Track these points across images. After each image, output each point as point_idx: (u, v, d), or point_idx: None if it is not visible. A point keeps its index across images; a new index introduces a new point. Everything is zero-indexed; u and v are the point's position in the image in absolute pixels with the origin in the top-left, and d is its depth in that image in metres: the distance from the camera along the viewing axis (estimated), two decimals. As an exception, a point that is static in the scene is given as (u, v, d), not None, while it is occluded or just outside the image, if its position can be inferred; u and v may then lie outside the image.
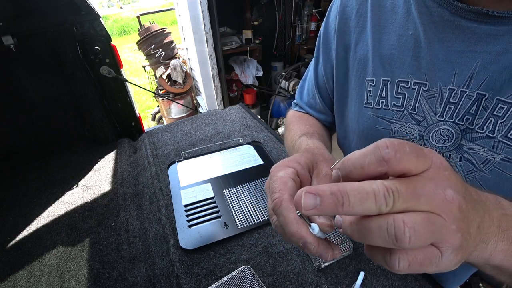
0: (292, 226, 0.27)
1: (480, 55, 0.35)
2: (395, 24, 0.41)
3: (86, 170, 1.07)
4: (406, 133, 0.43)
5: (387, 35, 0.43)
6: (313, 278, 0.59)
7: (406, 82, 0.41)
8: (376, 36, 0.44)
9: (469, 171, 0.39)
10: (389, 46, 0.42)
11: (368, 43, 0.45)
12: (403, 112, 0.43)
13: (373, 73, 0.45)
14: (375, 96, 0.45)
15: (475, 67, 0.35)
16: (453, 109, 0.38)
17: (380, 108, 0.45)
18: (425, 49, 0.39)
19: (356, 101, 0.48)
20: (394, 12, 0.42)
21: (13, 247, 0.78)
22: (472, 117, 0.37)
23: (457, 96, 0.37)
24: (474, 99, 0.36)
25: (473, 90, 0.36)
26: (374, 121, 0.46)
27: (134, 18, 4.42)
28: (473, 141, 0.38)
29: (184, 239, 0.70)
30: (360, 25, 0.46)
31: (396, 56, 0.42)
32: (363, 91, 0.47)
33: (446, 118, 0.39)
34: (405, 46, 0.41)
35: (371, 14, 0.44)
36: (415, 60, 0.40)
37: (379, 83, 0.44)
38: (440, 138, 0.40)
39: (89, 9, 1.04)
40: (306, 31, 2.71)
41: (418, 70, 0.40)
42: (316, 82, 0.59)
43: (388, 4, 0.43)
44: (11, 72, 1.05)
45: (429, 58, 0.39)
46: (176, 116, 2.83)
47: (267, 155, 1.00)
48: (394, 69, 0.42)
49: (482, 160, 0.38)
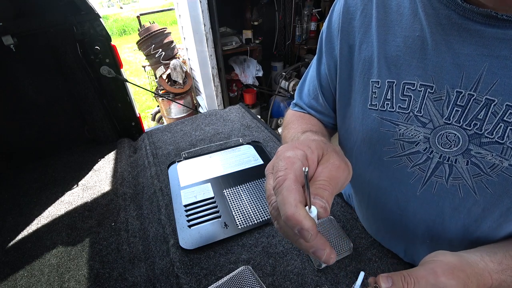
0: (290, 207, 0.26)
1: (488, 58, 0.34)
2: (401, 26, 0.41)
3: (86, 170, 1.07)
4: (412, 135, 0.43)
5: (392, 36, 0.42)
6: (313, 278, 0.59)
7: (412, 84, 0.41)
8: (381, 37, 0.43)
9: (476, 175, 0.39)
10: (395, 48, 0.42)
11: (373, 44, 0.44)
12: (408, 114, 0.42)
13: (378, 74, 0.44)
14: (380, 98, 0.45)
15: (483, 70, 0.35)
16: (460, 112, 0.38)
17: (385, 110, 0.44)
18: (432, 51, 0.38)
19: (360, 102, 0.48)
20: (399, 13, 0.41)
21: (13, 247, 0.78)
22: (481, 122, 0.36)
23: (464, 99, 0.37)
24: (482, 104, 0.36)
25: (481, 95, 0.36)
26: (379, 123, 0.45)
27: (134, 18, 4.42)
28: (481, 146, 0.37)
29: (184, 239, 0.70)
30: (365, 25, 0.46)
31: (402, 57, 0.41)
32: (367, 92, 0.46)
33: (453, 121, 0.39)
34: (411, 48, 0.40)
35: (376, 15, 0.44)
36: (421, 62, 0.39)
37: (384, 85, 0.44)
38: (446, 142, 0.40)
39: (89, 9, 1.04)
40: (306, 31, 2.71)
41: (425, 72, 0.39)
42: (319, 83, 0.58)
43: (393, 5, 0.42)
44: (11, 72, 1.05)
45: (436, 60, 0.38)
46: (176, 116, 2.83)
47: (267, 155, 1.00)
48: (399, 71, 0.42)
49: (490, 165, 0.37)
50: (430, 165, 0.43)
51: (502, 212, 0.40)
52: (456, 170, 0.40)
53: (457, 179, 0.41)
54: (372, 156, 0.49)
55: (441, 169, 0.42)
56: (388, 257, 0.62)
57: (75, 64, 1.09)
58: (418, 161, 0.44)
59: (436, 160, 0.42)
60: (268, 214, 0.75)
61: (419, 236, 0.50)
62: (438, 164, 0.42)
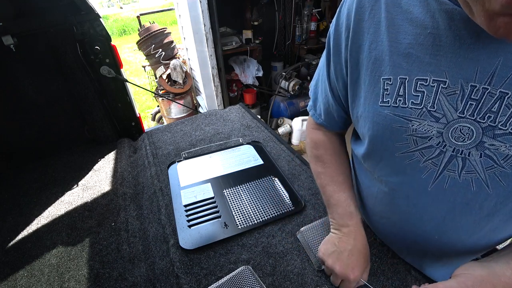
0: None
1: (502, 52, 0.35)
2: (412, 23, 0.42)
3: (86, 170, 1.07)
4: (425, 131, 0.43)
5: (403, 34, 0.43)
6: (313, 278, 0.59)
7: (425, 79, 0.41)
8: (392, 36, 0.44)
9: (489, 167, 0.40)
10: (406, 45, 0.42)
11: (384, 43, 0.45)
12: (421, 109, 0.43)
13: (390, 71, 0.45)
14: (392, 95, 0.45)
15: (497, 64, 0.35)
16: (474, 105, 0.38)
17: (398, 106, 0.45)
18: (445, 47, 0.39)
19: (371, 100, 0.48)
20: (409, 12, 0.42)
21: (13, 247, 0.78)
22: (495, 115, 0.37)
23: (478, 92, 0.38)
24: (496, 97, 0.37)
25: (496, 88, 0.36)
26: (391, 119, 0.46)
27: (134, 18, 4.42)
28: (495, 137, 0.38)
29: (184, 239, 0.70)
30: (374, 25, 0.46)
31: (414, 54, 0.42)
32: (378, 90, 0.47)
33: (467, 115, 0.39)
34: (423, 45, 0.41)
35: (386, 14, 0.44)
36: (434, 58, 0.40)
37: (396, 81, 0.44)
38: (459, 136, 0.41)
39: (89, 9, 1.04)
40: (306, 31, 2.71)
41: (438, 67, 0.40)
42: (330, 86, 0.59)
43: (403, 3, 0.43)
44: (11, 72, 1.05)
45: (449, 56, 0.39)
46: (176, 116, 2.83)
47: (267, 155, 1.00)
48: (412, 67, 0.42)
49: (503, 156, 0.38)
50: (443, 159, 0.43)
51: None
52: (469, 163, 0.41)
53: (470, 173, 0.41)
54: (383, 152, 0.50)
55: (454, 162, 0.42)
56: (388, 257, 0.62)
57: (75, 64, 1.09)
58: (431, 155, 0.44)
59: (449, 154, 0.42)
60: (268, 214, 0.75)
61: (427, 232, 0.51)
62: (451, 157, 0.42)
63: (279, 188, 0.84)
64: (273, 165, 0.94)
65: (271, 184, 0.85)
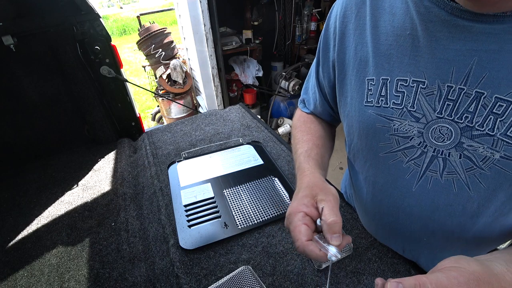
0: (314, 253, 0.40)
1: (477, 53, 0.35)
2: (393, 25, 0.43)
3: (86, 170, 1.07)
4: (406, 130, 0.44)
5: (385, 36, 0.44)
6: (313, 278, 0.59)
7: (405, 80, 0.42)
8: (375, 37, 0.45)
9: (469, 169, 0.40)
10: (388, 46, 0.43)
11: (368, 44, 0.46)
12: (402, 109, 0.43)
13: (373, 72, 0.46)
14: (375, 95, 0.46)
15: (472, 64, 0.36)
16: (451, 106, 0.39)
17: (380, 106, 0.46)
18: (423, 48, 0.40)
19: (357, 100, 0.49)
20: (392, 14, 0.43)
21: (13, 247, 0.78)
22: (472, 115, 0.38)
23: (455, 93, 0.38)
24: (472, 97, 0.37)
25: (472, 88, 0.37)
26: (375, 119, 0.47)
27: (134, 18, 4.42)
28: (473, 138, 0.38)
29: (184, 239, 0.70)
30: (360, 27, 0.47)
31: (394, 55, 0.43)
32: (363, 90, 0.48)
33: (445, 115, 0.40)
34: (403, 46, 0.42)
35: (370, 17, 0.46)
36: (413, 59, 0.41)
37: (379, 82, 0.45)
38: (439, 136, 0.41)
39: (89, 9, 1.04)
40: (306, 31, 2.71)
41: (417, 68, 0.41)
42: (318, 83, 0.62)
43: (386, 6, 0.44)
44: (11, 72, 1.05)
45: (427, 56, 0.39)
46: (176, 116, 2.83)
47: (267, 155, 1.00)
48: (393, 68, 0.43)
49: (482, 158, 0.38)
50: (425, 160, 0.44)
51: (497, 207, 0.40)
52: (450, 164, 0.41)
53: (451, 173, 0.42)
54: (368, 152, 0.51)
55: (436, 163, 0.43)
56: (388, 257, 0.62)
57: (75, 64, 1.09)
58: (413, 155, 0.45)
59: (430, 154, 0.43)
60: (268, 214, 0.75)
61: (416, 233, 0.51)
62: (432, 158, 0.43)
63: (279, 188, 0.84)
64: (273, 165, 0.94)
65: (271, 184, 0.85)
